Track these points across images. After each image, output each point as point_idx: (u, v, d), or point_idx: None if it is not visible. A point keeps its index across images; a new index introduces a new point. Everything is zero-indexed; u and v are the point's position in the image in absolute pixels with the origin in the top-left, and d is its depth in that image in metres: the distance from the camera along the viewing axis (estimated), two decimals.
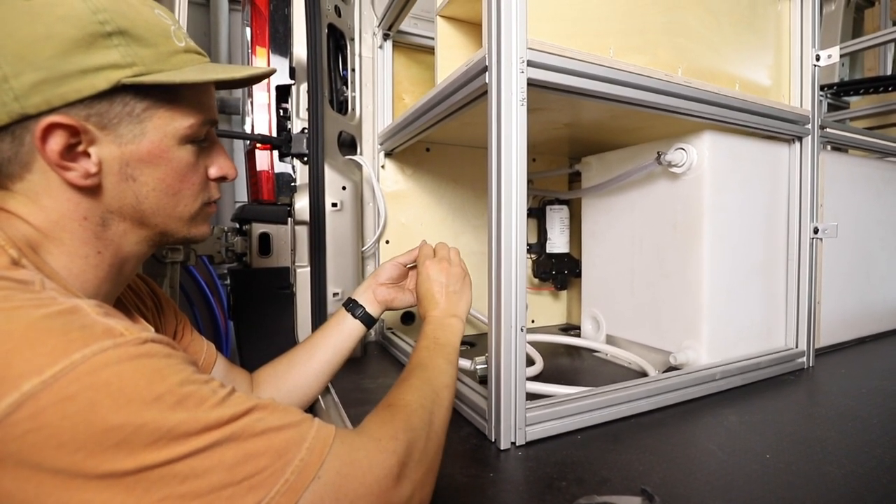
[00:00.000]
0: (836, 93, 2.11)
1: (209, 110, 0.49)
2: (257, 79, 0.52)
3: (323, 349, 0.73)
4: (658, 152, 0.92)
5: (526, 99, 0.64)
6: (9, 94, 0.38)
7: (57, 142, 0.39)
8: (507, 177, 0.64)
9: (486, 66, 0.66)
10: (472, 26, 0.95)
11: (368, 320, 0.75)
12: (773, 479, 0.57)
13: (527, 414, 0.66)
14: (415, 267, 0.79)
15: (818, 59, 0.98)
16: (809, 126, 0.99)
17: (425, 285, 0.71)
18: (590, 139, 1.20)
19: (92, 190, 0.43)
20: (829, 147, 1.17)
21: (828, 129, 1.06)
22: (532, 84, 0.65)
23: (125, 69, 0.40)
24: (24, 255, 0.38)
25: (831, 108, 2.27)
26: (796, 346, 1.01)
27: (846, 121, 2.05)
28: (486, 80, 0.66)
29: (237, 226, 1.14)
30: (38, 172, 0.41)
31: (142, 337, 0.34)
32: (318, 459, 0.35)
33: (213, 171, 0.51)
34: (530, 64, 0.64)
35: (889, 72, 2.36)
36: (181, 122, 0.45)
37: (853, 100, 2.29)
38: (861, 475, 0.58)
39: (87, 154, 0.41)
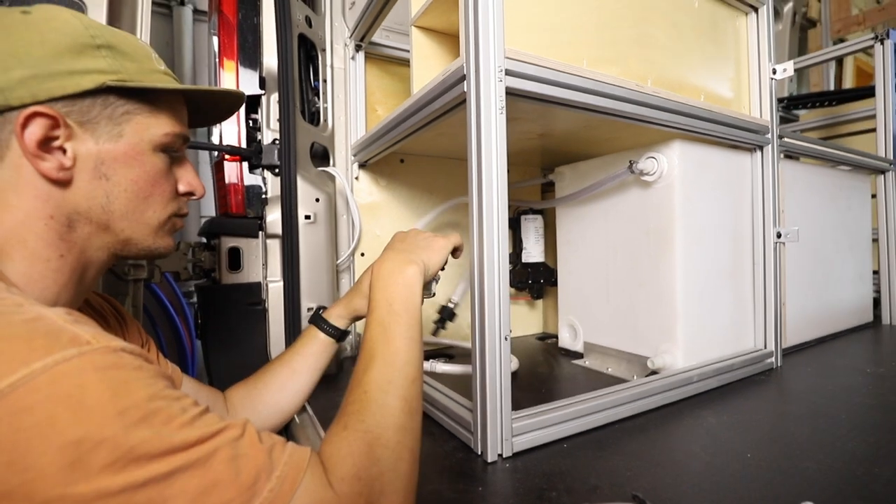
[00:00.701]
0: (787, 106, 2.24)
1: (183, 124, 0.51)
2: (229, 105, 0.58)
3: (296, 367, 0.70)
4: (630, 161, 0.94)
5: (505, 108, 0.64)
6: None
7: (36, 131, 0.40)
8: (487, 185, 0.63)
9: (465, 75, 0.66)
10: (446, 37, 0.96)
11: (338, 334, 0.72)
12: (757, 477, 0.58)
13: (513, 424, 0.65)
14: None
15: (774, 72, 1.03)
16: (769, 136, 1.04)
17: (375, 267, 0.59)
18: (562, 149, 1.22)
19: (63, 184, 0.43)
20: (782, 156, 1.23)
21: (786, 139, 1.11)
22: (510, 93, 0.66)
23: (110, 74, 0.43)
24: None
25: (782, 120, 2.41)
26: (765, 347, 1.05)
27: (797, 132, 2.17)
28: (465, 89, 0.66)
29: (205, 240, 1.10)
30: (9, 167, 0.41)
31: (111, 346, 0.32)
32: (290, 489, 0.33)
33: (182, 186, 0.52)
34: (508, 73, 0.65)
35: (832, 87, 2.53)
36: (157, 130, 0.47)
37: (801, 113, 2.43)
38: (837, 469, 0.59)
39: (63, 150, 0.42)
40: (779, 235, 1.05)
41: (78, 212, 0.44)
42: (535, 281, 1.37)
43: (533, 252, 1.36)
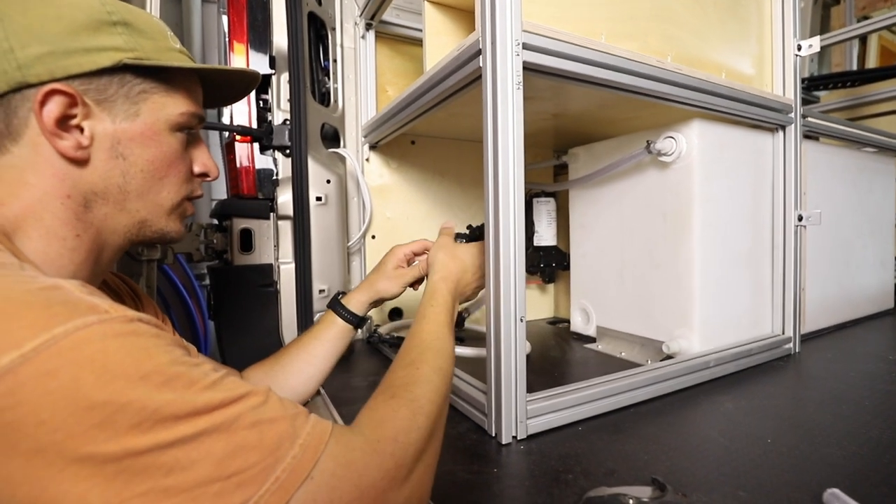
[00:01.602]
0: (807, 87, 2.16)
1: (198, 104, 0.51)
2: (244, 84, 0.57)
3: (314, 351, 0.70)
4: (648, 141, 0.92)
5: (522, 83, 0.62)
6: (12, 64, 0.39)
7: (54, 109, 0.40)
8: (504, 163, 0.62)
9: (480, 50, 0.64)
10: (460, 12, 0.93)
11: (356, 321, 0.74)
12: (778, 463, 0.57)
13: (527, 406, 0.65)
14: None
15: (799, 48, 0.99)
16: (792, 115, 1.00)
17: (441, 253, 0.71)
18: (576, 130, 1.19)
19: (80, 164, 0.43)
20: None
21: (810, 119, 1.08)
22: (526, 68, 0.63)
23: (127, 52, 0.43)
24: None
25: (802, 101, 2.34)
26: (783, 333, 1.03)
27: (818, 113, 2.11)
28: (480, 64, 0.64)
29: (216, 222, 1.10)
30: (27, 145, 0.41)
31: (128, 315, 0.31)
32: (311, 457, 0.32)
33: (197, 167, 0.52)
34: (525, 47, 0.62)
35: (854, 67, 2.45)
36: (174, 109, 0.47)
37: (821, 94, 2.36)
38: (863, 455, 0.58)
39: (80, 128, 0.42)
40: (800, 218, 1.02)
41: (94, 192, 0.44)
42: (546, 265, 1.36)
43: (545, 235, 1.34)
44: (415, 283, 0.78)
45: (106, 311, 0.31)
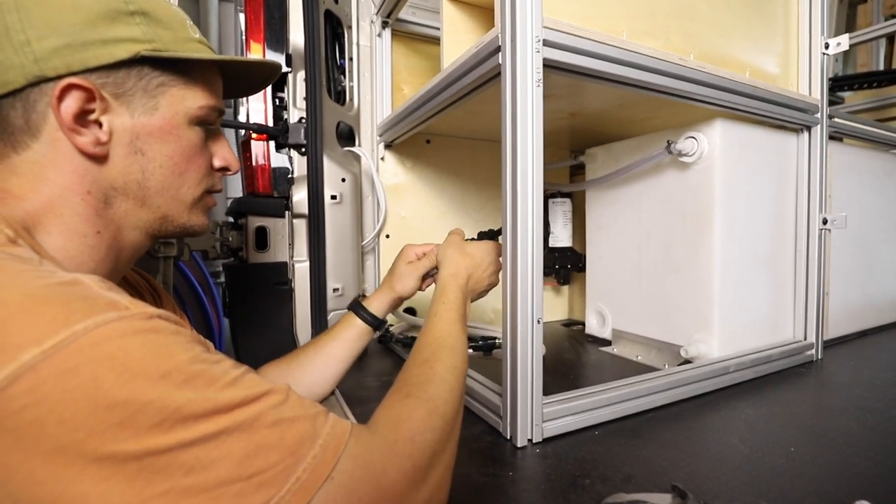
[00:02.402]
0: (832, 88, 2.11)
1: (218, 97, 0.49)
2: (264, 76, 0.56)
3: (333, 352, 0.70)
4: (668, 141, 0.90)
5: (542, 80, 0.61)
6: (29, 57, 0.38)
7: (72, 104, 0.39)
8: (522, 162, 0.61)
9: (500, 46, 0.63)
10: (479, 10, 0.92)
11: (376, 323, 0.73)
12: (801, 472, 0.55)
13: (543, 409, 0.64)
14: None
15: (827, 46, 0.97)
16: (819, 115, 0.98)
17: (450, 249, 0.70)
18: (593, 130, 1.17)
19: (99, 160, 0.42)
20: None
21: (836, 119, 1.05)
22: (547, 65, 0.62)
23: (145, 44, 0.42)
24: (19, 235, 0.37)
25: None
26: (805, 339, 1.00)
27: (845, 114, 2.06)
28: (500, 61, 0.63)
29: (232, 220, 1.10)
30: (46, 141, 0.40)
31: (148, 312, 0.31)
32: (332, 458, 0.32)
33: (217, 161, 0.51)
34: (546, 44, 0.61)
35: (881, 67, 2.38)
36: (193, 103, 0.46)
37: (846, 95, 2.30)
38: (891, 467, 0.56)
39: (98, 123, 0.41)
40: (825, 222, 0.99)
41: (114, 188, 0.43)
42: (561, 266, 1.34)
43: (560, 236, 1.33)
44: (427, 278, 0.77)
45: (126, 308, 0.30)
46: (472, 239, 0.79)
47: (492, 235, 0.80)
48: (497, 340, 0.98)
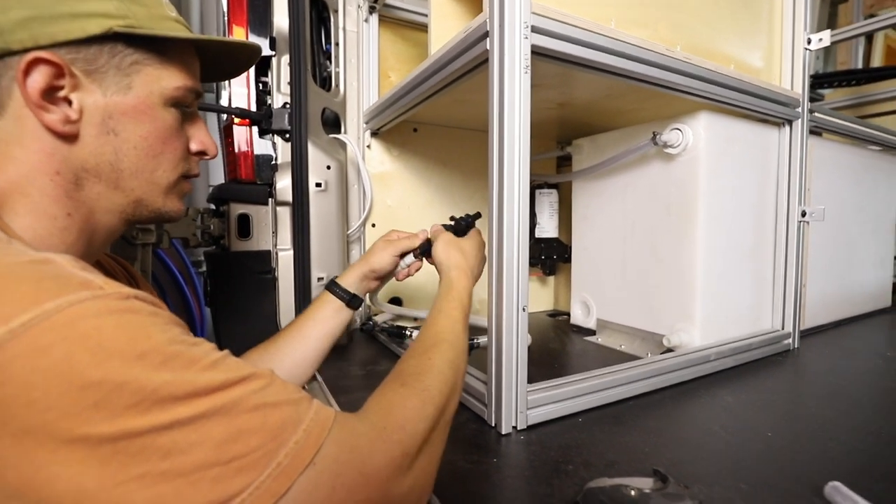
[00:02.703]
0: (812, 85, 2.15)
1: (195, 78, 0.48)
2: (245, 57, 0.54)
3: (308, 332, 0.69)
4: (654, 132, 0.91)
5: (530, 67, 0.60)
6: None
7: (39, 80, 0.37)
8: (509, 152, 0.60)
9: (487, 32, 0.62)
10: None
11: (349, 297, 0.72)
12: (779, 456, 0.56)
13: (528, 397, 0.64)
14: (408, 254, 0.76)
15: (809, 42, 0.98)
16: (800, 109, 0.99)
17: (450, 248, 0.69)
18: (581, 121, 1.18)
19: (69, 139, 0.40)
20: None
21: (816, 114, 1.06)
22: (535, 52, 0.62)
23: (118, 19, 0.40)
24: None
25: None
26: (783, 328, 1.03)
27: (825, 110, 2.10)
28: (487, 47, 0.62)
29: (213, 207, 1.08)
30: (12, 118, 0.39)
31: (123, 292, 0.30)
32: (314, 443, 0.31)
33: (194, 145, 0.50)
34: (534, 30, 0.61)
35: (860, 65, 2.43)
36: (168, 83, 0.44)
37: (826, 92, 2.34)
38: (863, 450, 0.58)
39: (68, 101, 0.39)
40: (804, 214, 1.01)
41: (86, 169, 0.41)
42: (547, 257, 1.35)
43: (546, 227, 1.33)
44: (411, 266, 0.76)
45: (100, 287, 0.29)
46: (451, 221, 0.77)
47: (468, 221, 0.78)
48: (475, 340, 0.96)
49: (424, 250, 0.74)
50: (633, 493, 0.46)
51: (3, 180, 0.38)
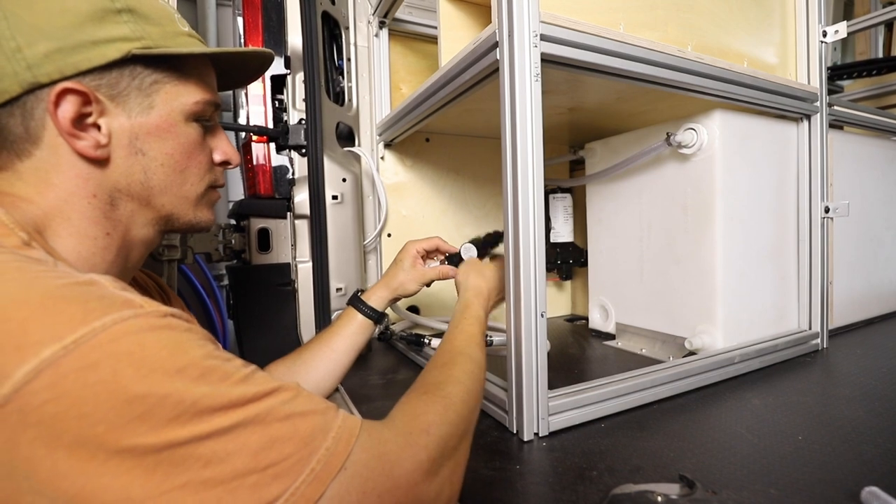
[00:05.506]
0: (830, 77, 2.10)
1: (213, 91, 0.49)
2: (258, 65, 0.55)
3: (335, 346, 0.71)
4: (668, 133, 0.90)
5: (540, 75, 0.61)
6: (21, 64, 0.38)
7: (69, 109, 0.39)
8: (522, 158, 0.61)
9: (497, 42, 0.63)
10: (475, 7, 0.93)
11: (376, 316, 0.75)
12: (810, 460, 0.55)
13: (549, 403, 0.64)
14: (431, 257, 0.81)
15: (825, 34, 0.96)
16: (818, 104, 0.98)
17: (472, 273, 0.73)
18: (593, 124, 1.17)
19: (101, 163, 0.42)
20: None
21: (836, 107, 1.04)
22: (545, 59, 0.62)
23: (134, 42, 0.41)
24: (33, 238, 0.37)
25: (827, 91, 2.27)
26: (810, 328, 1.00)
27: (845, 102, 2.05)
28: (498, 57, 0.63)
29: (234, 222, 1.11)
30: (47, 148, 0.40)
31: (162, 310, 0.32)
32: (344, 449, 0.32)
33: (218, 156, 0.51)
34: (543, 38, 0.61)
35: (881, 55, 2.37)
36: (188, 98, 0.46)
37: (846, 84, 2.29)
38: None
39: (97, 126, 0.41)
40: (827, 210, 0.99)
41: (118, 189, 0.43)
42: (563, 261, 1.34)
43: (562, 232, 1.33)
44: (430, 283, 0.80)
45: (140, 306, 0.31)
46: (476, 239, 0.83)
47: (488, 241, 0.83)
48: (489, 337, 0.96)
49: (453, 262, 0.80)
50: (659, 499, 0.46)
51: (45, 206, 0.40)
